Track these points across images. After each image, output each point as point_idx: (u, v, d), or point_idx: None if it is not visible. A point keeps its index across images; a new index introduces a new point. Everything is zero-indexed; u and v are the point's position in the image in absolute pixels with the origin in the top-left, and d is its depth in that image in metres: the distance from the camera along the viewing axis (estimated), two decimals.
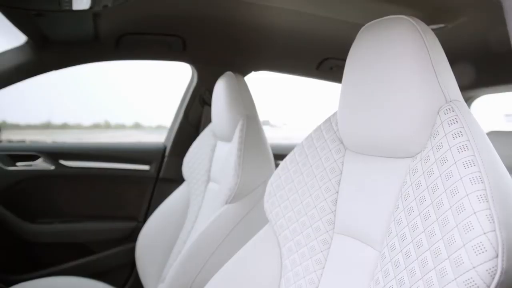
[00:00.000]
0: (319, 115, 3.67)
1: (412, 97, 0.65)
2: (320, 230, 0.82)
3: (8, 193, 1.74)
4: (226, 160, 1.39)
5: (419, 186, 0.62)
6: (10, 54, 1.53)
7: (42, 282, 1.51)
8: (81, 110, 4.91)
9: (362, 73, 0.73)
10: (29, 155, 1.78)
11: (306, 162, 0.88)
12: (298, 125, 5.63)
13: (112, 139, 2.00)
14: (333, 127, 0.87)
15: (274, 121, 5.52)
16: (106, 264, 1.86)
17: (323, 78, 2.02)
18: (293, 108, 5.84)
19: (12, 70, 1.52)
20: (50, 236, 1.79)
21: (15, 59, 1.53)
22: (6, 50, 1.53)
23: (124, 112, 5.23)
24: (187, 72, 1.96)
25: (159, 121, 4.08)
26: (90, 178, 1.86)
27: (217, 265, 1.24)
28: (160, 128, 3.61)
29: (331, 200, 0.82)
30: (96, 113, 5.03)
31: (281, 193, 0.90)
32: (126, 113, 5.32)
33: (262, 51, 1.78)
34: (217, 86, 1.50)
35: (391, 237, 0.65)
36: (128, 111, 5.25)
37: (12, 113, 3.42)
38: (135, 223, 1.90)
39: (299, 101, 5.79)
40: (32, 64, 1.55)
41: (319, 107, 5.65)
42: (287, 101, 5.95)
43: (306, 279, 0.82)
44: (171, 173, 1.92)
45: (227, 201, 1.29)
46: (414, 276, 0.58)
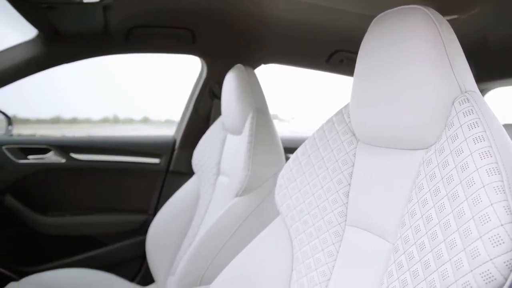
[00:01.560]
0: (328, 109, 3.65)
1: (427, 88, 0.64)
2: (332, 223, 0.82)
3: (20, 185, 1.76)
4: (236, 153, 1.39)
5: (433, 178, 0.61)
6: (21, 48, 1.54)
7: (54, 273, 1.53)
8: (90, 105, 4.93)
9: (375, 64, 0.72)
10: (40, 148, 1.79)
11: (317, 154, 0.88)
12: (307, 119, 5.61)
13: (121, 133, 2.01)
14: (345, 119, 0.86)
15: (283, 115, 5.51)
16: (116, 257, 1.87)
17: (333, 71, 2.01)
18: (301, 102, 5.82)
19: (23, 64, 1.53)
20: (61, 228, 1.81)
21: (26, 53, 1.53)
22: (17, 44, 1.54)
23: (133, 106, 5.25)
24: (196, 66, 1.96)
25: (168, 116, 4.08)
26: (100, 171, 1.87)
27: (227, 258, 1.24)
28: (168, 122, 3.61)
29: (343, 192, 0.81)
30: (105, 107, 5.05)
31: (292, 185, 0.90)
32: (134, 108, 5.34)
33: (272, 44, 1.77)
34: (227, 79, 1.50)
35: (404, 229, 0.64)
36: (136, 106, 5.26)
37: (23, 108, 3.45)
38: (145, 216, 1.91)
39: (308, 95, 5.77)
40: (43, 58, 1.56)
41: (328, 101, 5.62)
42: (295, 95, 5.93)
43: (318, 271, 0.81)
44: (181, 166, 1.93)
45: (237, 194, 1.29)
46: (429, 268, 0.57)
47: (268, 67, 1.96)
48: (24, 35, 1.54)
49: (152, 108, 5.65)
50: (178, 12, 1.47)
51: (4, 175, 1.72)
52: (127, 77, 4.59)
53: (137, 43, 1.68)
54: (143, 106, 5.39)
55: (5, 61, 1.52)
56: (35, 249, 1.81)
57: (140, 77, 4.72)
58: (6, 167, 1.72)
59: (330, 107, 1.97)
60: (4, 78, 1.54)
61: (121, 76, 4.67)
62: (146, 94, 5.22)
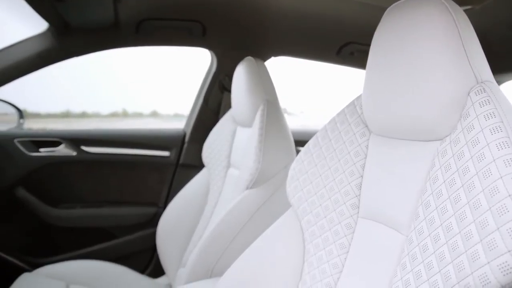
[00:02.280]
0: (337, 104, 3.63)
1: (442, 79, 0.63)
2: (344, 215, 0.81)
3: (32, 178, 1.78)
4: (246, 145, 1.39)
5: (448, 169, 0.61)
6: (32, 41, 1.55)
7: (66, 265, 1.54)
8: (99, 99, 4.96)
9: (388, 55, 0.71)
10: (52, 141, 1.80)
11: (329, 146, 0.87)
12: (316, 113, 5.58)
13: (130, 127, 2.02)
14: (357, 111, 0.85)
15: (291, 109, 5.49)
16: (127, 249, 1.89)
17: (343, 64, 1.99)
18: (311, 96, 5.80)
19: (34, 57, 1.54)
20: (72, 220, 1.82)
21: (37, 46, 1.54)
22: (28, 37, 1.55)
23: (142, 100, 5.27)
24: (203, 60, 1.96)
25: (177, 110, 4.09)
26: (111, 164, 1.88)
27: (238, 250, 1.25)
28: (177, 116, 3.62)
29: (356, 184, 0.81)
30: (114, 101, 5.07)
31: (304, 177, 0.89)
32: (143, 102, 5.36)
33: (282, 36, 1.76)
34: (237, 71, 1.49)
35: (418, 221, 0.64)
36: (145, 100, 5.28)
37: (33, 102, 3.48)
38: (155, 209, 1.92)
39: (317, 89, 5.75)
40: (54, 51, 1.56)
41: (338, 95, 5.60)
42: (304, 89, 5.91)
43: (330, 264, 0.81)
44: (191, 159, 1.93)
45: (248, 187, 1.29)
46: (444, 260, 0.56)
47: (277, 61, 1.95)
48: (35, 28, 1.55)
49: (161, 102, 5.67)
50: (188, 5, 1.46)
51: (16, 167, 1.74)
52: (136, 71, 4.60)
53: (147, 36, 1.68)
54: (152, 100, 5.40)
55: (17, 55, 1.53)
56: (47, 241, 1.83)
57: (149, 71, 4.73)
58: (18, 159, 1.74)
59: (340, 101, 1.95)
60: (16, 71, 1.55)
61: (130, 70, 4.69)
62: (155, 88, 5.24)
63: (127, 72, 4.94)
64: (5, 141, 1.73)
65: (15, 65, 1.53)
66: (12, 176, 1.74)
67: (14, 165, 1.74)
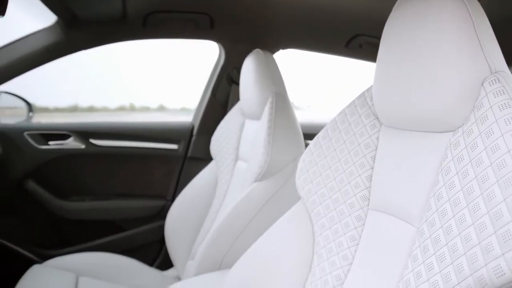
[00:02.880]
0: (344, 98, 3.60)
1: (454, 69, 0.62)
2: (354, 207, 0.81)
3: (41, 171, 1.79)
4: (255, 138, 1.38)
5: (461, 160, 0.60)
6: (40, 34, 1.55)
7: (75, 257, 1.56)
8: (107, 93, 4.97)
9: (400, 45, 0.70)
10: (61, 134, 1.81)
11: (339, 138, 0.86)
12: (323, 107, 5.56)
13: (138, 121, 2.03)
14: (367, 102, 0.85)
15: (298, 103, 5.47)
16: (136, 241, 1.90)
17: (352, 56, 1.98)
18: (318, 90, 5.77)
19: (42, 51, 1.55)
20: (82, 213, 1.84)
21: (46, 39, 1.55)
22: (37, 30, 1.55)
23: (149, 94, 5.28)
24: (210, 53, 1.95)
25: (184, 104, 4.09)
26: (119, 157, 1.89)
27: (246, 242, 1.25)
28: (184, 110, 3.62)
29: (366, 176, 0.80)
30: (121, 96, 5.08)
31: (313, 169, 0.89)
32: (150, 96, 5.37)
33: (290, 28, 1.75)
34: (245, 63, 1.49)
35: (430, 213, 0.63)
36: (152, 94, 5.28)
37: (41, 97, 3.50)
38: (164, 202, 1.92)
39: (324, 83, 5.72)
40: (62, 44, 1.57)
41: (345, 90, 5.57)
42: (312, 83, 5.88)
43: (340, 256, 0.81)
44: (199, 152, 1.93)
45: (257, 179, 1.28)
46: (456, 252, 0.56)
47: (285, 55, 1.94)
48: (43, 21, 1.55)
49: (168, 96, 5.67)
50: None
51: (26, 160, 1.75)
52: (143, 65, 4.61)
53: (155, 29, 1.67)
54: (159, 94, 5.41)
55: (25, 49, 1.54)
56: (56, 233, 1.85)
57: (156, 66, 4.73)
58: (28, 152, 1.75)
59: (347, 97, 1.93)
60: (25, 65, 1.56)
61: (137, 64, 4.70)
62: (162, 82, 5.24)
63: (134, 66, 4.95)
64: (15, 134, 1.74)
65: (23, 59, 1.54)
66: (22, 168, 1.75)
67: (23, 158, 1.75)
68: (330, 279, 0.81)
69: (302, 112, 5.23)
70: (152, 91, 5.37)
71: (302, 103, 5.62)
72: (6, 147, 1.70)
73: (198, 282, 1.22)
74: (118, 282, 1.48)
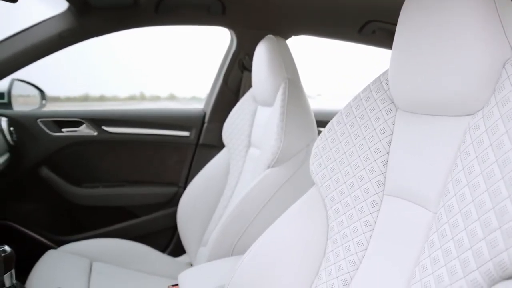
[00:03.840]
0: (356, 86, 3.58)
1: (475, 50, 0.61)
2: (369, 192, 0.80)
3: (55, 157, 1.80)
4: (267, 124, 1.38)
5: (481, 144, 0.59)
6: (52, 21, 1.55)
7: (89, 242, 1.57)
8: (117, 82, 4.99)
9: (417, 27, 0.69)
10: (74, 121, 1.82)
11: (354, 123, 0.85)
12: (333, 96, 5.51)
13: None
14: (383, 87, 0.83)
15: (308, 92, 5.41)
16: (148, 228, 1.92)
17: (365, 43, 1.95)
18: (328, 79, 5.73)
19: (55, 38, 1.55)
20: (95, 199, 1.85)
21: (58, 26, 1.55)
22: (49, 17, 1.55)
23: (159, 83, 5.27)
24: (220, 42, 1.94)
25: (194, 92, 4.08)
26: (131, 144, 1.90)
27: (259, 229, 1.25)
28: (194, 99, 3.62)
29: (381, 161, 0.79)
30: (131, 85, 5.09)
31: (327, 154, 0.88)
32: (161, 85, 5.37)
33: (303, 14, 1.73)
34: (258, 49, 1.47)
35: (448, 198, 0.62)
36: (163, 83, 5.28)
37: (53, 87, 3.52)
38: (176, 189, 1.93)
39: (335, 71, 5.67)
40: (74, 31, 1.57)
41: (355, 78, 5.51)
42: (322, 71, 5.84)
43: (354, 241, 0.80)
44: (211, 139, 1.93)
45: (269, 166, 1.28)
46: (476, 237, 0.55)
47: (295, 43, 1.92)
48: (55, 8, 1.55)
49: (178, 85, 5.66)
50: None
51: (40, 147, 1.77)
52: (153, 54, 4.60)
53: (166, 15, 1.66)
54: (169, 83, 5.40)
55: (38, 36, 1.54)
56: (70, 219, 1.87)
57: (166, 54, 4.73)
58: (42, 139, 1.77)
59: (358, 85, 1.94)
60: (37, 52, 1.56)
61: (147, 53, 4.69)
62: (172, 71, 5.24)
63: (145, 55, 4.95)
64: (29, 122, 1.75)
65: (36, 46, 1.54)
66: (36, 155, 1.77)
67: (37, 145, 1.76)
68: (344, 264, 0.81)
69: (312, 100, 5.18)
70: (163, 80, 5.37)
71: (312, 91, 5.57)
72: (20, 134, 1.72)
73: (210, 268, 1.23)
74: (131, 267, 1.50)
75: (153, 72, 5.08)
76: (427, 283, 0.62)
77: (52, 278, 1.28)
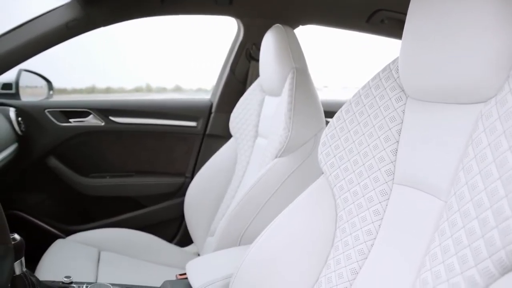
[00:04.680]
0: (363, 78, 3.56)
1: (489, 36, 0.59)
2: (378, 181, 0.79)
3: (62, 148, 1.81)
4: (275, 114, 1.37)
5: (494, 131, 0.58)
6: (59, 11, 1.55)
7: (97, 232, 1.59)
8: (123, 74, 4.99)
9: (428, 13, 0.68)
10: (81, 112, 1.83)
11: (363, 111, 0.85)
12: (340, 87, 5.47)
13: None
14: (393, 75, 0.82)
15: (315, 83, 5.38)
16: (155, 218, 1.92)
17: (373, 32, 1.93)
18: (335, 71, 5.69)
19: (62, 27, 1.54)
20: (102, 189, 1.86)
21: (65, 16, 1.54)
22: (56, 7, 1.55)
23: (165, 75, 5.26)
24: (225, 34, 1.93)
25: (200, 84, 4.08)
26: (138, 134, 1.90)
27: (266, 218, 1.24)
28: (200, 91, 3.61)
29: (391, 149, 0.79)
30: (137, 76, 5.09)
31: (336, 143, 0.88)
32: (167, 77, 5.36)
33: (311, 3, 1.71)
34: (265, 39, 1.46)
35: (459, 186, 0.61)
36: (169, 75, 5.27)
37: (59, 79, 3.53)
38: (183, 179, 1.94)
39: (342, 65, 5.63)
40: (81, 21, 1.56)
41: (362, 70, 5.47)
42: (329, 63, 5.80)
43: (363, 230, 0.80)
44: (218, 129, 1.93)
45: (277, 155, 1.28)
46: (488, 225, 0.54)
47: (302, 34, 1.90)
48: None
49: (184, 77, 5.65)
50: None
51: (47, 137, 1.78)
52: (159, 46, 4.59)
53: (173, 5, 1.66)
54: (175, 75, 5.39)
55: (45, 26, 1.54)
56: (78, 209, 1.88)
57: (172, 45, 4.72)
58: (49, 130, 1.77)
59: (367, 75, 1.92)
60: (44, 42, 1.56)
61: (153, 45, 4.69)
62: (177, 63, 5.23)
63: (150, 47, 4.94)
64: (37, 112, 1.76)
65: (43, 36, 1.54)
66: (44, 146, 1.78)
67: (45, 135, 1.77)
68: (353, 253, 0.80)
69: (319, 92, 5.15)
70: (169, 72, 5.36)
71: (318, 83, 5.53)
72: (28, 125, 1.73)
73: (218, 257, 1.23)
74: (139, 257, 1.51)
75: (159, 64, 5.08)
76: (438, 272, 0.61)
77: (61, 266, 1.29)
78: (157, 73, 5.07)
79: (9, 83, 1.78)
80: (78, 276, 1.09)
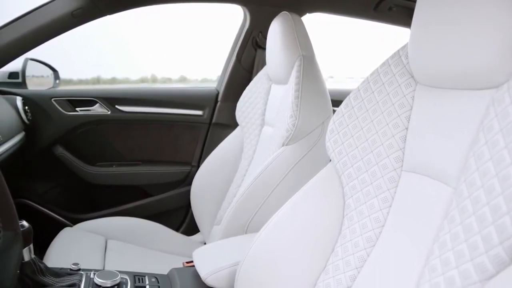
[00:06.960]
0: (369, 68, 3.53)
1: (500, 22, 0.58)
2: (387, 168, 0.79)
3: (69, 137, 1.82)
4: (282, 102, 1.36)
5: (506, 117, 0.57)
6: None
7: (104, 221, 1.59)
8: (128, 65, 4.99)
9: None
10: (87, 100, 1.83)
11: (371, 98, 0.84)
12: (346, 78, 5.44)
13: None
14: (402, 61, 0.81)
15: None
16: (162, 207, 1.93)
17: (380, 20, 1.91)
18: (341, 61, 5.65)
19: (68, 16, 1.54)
20: (109, 178, 1.87)
21: (71, 5, 1.54)
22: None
23: (170, 65, 5.25)
24: (229, 25, 1.91)
25: (205, 74, 4.07)
26: (145, 123, 1.90)
27: (273, 207, 1.24)
28: (205, 81, 3.60)
29: (400, 136, 0.78)
30: (143, 67, 5.09)
31: (344, 130, 0.87)
32: (172, 67, 5.35)
33: None
34: (272, 26, 1.45)
35: (470, 173, 0.60)
36: (174, 65, 5.26)
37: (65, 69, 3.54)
38: (189, 168, 1.94)
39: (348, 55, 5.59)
40: (87, 9, 1.56)
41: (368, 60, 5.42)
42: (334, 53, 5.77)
43: (371, 218, 0.79)
44: (224, 118, 1.93)
45: (284, 144, 1.27)
46: (499, 212, 0.54)
47: (309, 24, 1.88)
48: None
49: (189, 67, 5.64)
50: None
51: (54, 126, 1.78)
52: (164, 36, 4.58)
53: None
54: (180, 65, 5.38)
55: (51, 14, 1.53)
56: (85, 198, 1.89)
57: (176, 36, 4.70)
58: (56, 118, 1.78)
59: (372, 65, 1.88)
60: (51, 30, 1.56)
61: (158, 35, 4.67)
62: (182, 53, 5.21)
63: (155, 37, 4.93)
64: (43, 101, 1.76)
65: (49, 24, 1.54)
66: (51, 134, 1.79)
67: (52, 124, 1.78)
68: (361, 241, 0.80)
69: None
70: (174, 62, 5.35)
71: (324, 73, 5.49)
72: (34, 114, 1.73)
73: (225, 245, 1.23)
74: (145, 245, 1.52)
75: (164, 55, 5.06)
76: (447, 258, 0.61)
77: (69, 254, 1.30)
78: (162, 63, 5.06)
79: (15, 72, 1.78)
80: (85, 264, 1.10)
